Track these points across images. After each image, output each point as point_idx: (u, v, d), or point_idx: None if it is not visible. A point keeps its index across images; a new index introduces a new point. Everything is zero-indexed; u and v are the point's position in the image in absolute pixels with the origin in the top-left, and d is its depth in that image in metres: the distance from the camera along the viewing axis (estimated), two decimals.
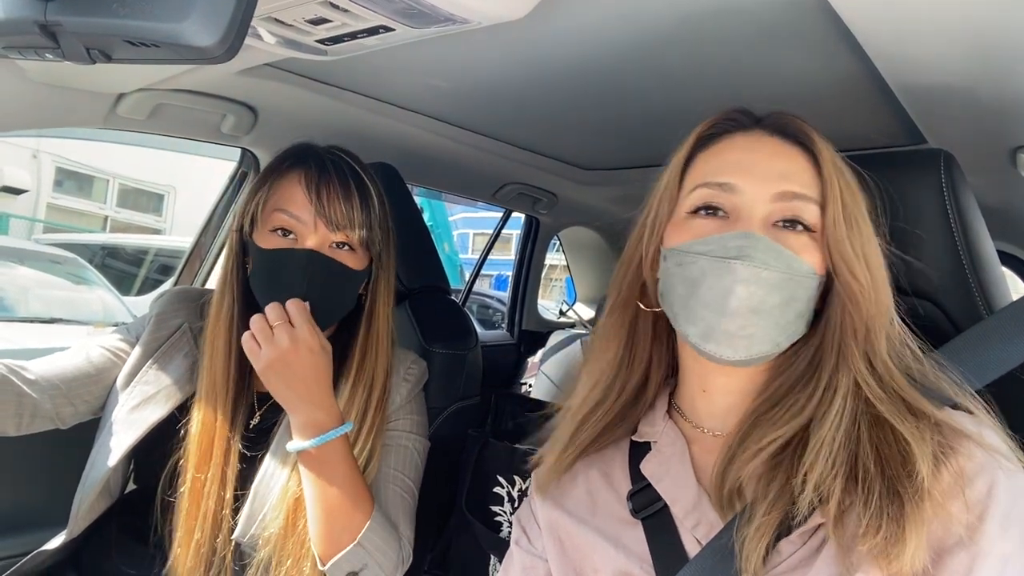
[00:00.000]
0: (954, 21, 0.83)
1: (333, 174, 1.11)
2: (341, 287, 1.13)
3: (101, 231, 9.91)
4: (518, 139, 1.76)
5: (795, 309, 0.73)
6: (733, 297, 0.70)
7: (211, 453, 1.09)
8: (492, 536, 1.37)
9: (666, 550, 0.75)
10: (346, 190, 1.11)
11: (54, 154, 9.59)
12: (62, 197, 9.99)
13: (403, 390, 1.22)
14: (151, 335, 1.20)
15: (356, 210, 1.11)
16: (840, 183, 0.74)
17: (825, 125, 0.79)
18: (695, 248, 0.74)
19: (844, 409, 0.71)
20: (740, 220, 0.74)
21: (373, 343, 1.17)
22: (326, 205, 1.08)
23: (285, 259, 1.09)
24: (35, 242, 7.19)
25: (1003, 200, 1.56)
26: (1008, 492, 0.64)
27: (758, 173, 0.75)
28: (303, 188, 1.09)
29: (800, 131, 0.78)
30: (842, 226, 0.72)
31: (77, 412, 1.15)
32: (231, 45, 0.57)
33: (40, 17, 0.59)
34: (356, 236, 1.12)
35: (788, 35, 1.01)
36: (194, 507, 1.07)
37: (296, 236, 1.10)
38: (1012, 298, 0.88)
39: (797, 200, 0.74)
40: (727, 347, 0.72)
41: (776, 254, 0.71)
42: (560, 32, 1.05)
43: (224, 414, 1.10)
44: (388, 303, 1.21)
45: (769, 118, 0.80)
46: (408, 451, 1.19)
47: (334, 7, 0.82)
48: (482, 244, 2.98)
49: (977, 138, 1.20)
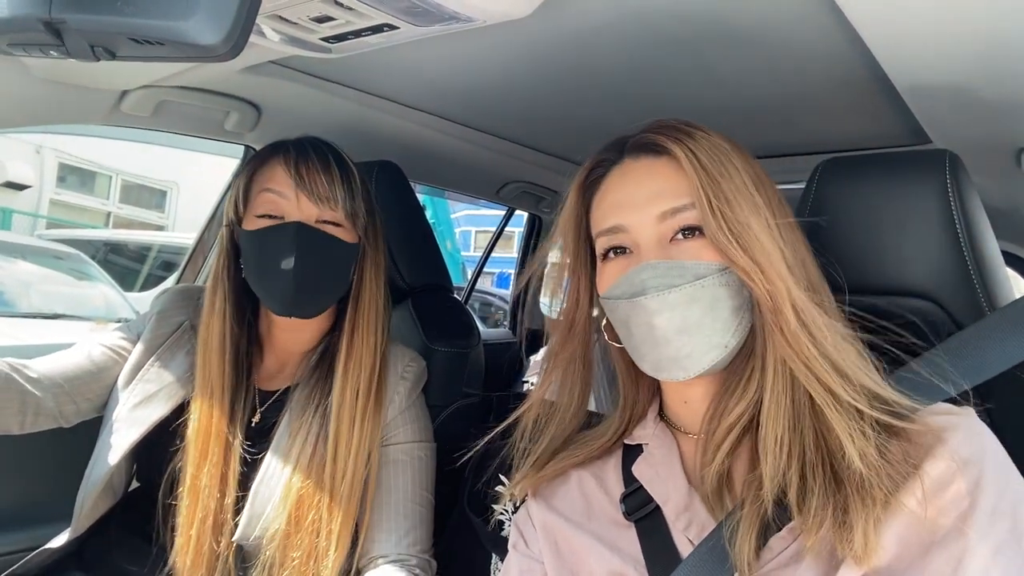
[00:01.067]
0: (960, 21, 0.83)
1: (312, 153, 1.13)
2: (332, 259, 1.13)
3: (104, 227, 9.92)
4: (521, 137, 1.75)
5: (726, 307, 0.74)
6: (656, 329, 0.74)
7: (208, 453, 1.08)
8: (493, 534, 1.37)
9: (659, 551, 0.76)
10: (326, 165, 1.13)
11: (57, 150, 9.60)
12: (65, 193, 10.00)
13: (401, 389, 1.20)
14: (152, 333, 1.20)
15: (337, 183, 1.12)
16: (702, 177, 0.74)
17: (830, 125, 0.79)
18: (613, 293, 0.78)
19: (779, 389, 0.72)
20: (639, 251, 0.77)
21: (362, 325, 1.16)
22: (307, 179, 1.10)
23: (272, 236, 1.09)
24: (38, 238, 7.20)
25: (1008, 201, 1.56)
26: (995, 483, 0.64)
27: (636, 204, 0.78)
28: (284, 166, 1.11)
29: (656, 142, 0.79)
30: (710, 220, 0.73)
31: (80, 410, 1.15)
32: (236, 43, 0.57)
33: (45, 14, 0.59)
34: (340, 210, 1.12)
35: (793, 35, 1.01)
36: (193, 508, 1.07)
37: (283, 215, 1.11)
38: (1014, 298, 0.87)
39: (678, 214, 0.76)
40: (678, 370, 0.75)
41: (679, 270, 0.73)
42: (564, 30, 1.05)
43: (221, 413, 1.10)
44: (378, 283, 1.20)
45: (631, 142, 0.83)
46: (422, 461, 1.19)
47: (339, 5, 0.82)
48: (484, 242, 2.98)
49: (982, 138, 1.19)
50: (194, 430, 1.09)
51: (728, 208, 0.73)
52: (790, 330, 0.71)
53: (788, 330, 0.71)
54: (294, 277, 1.08)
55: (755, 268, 0.72)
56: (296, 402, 1.14)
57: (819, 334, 0.71)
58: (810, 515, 0.65)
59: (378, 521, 1.12)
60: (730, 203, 0.74)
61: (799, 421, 0.71)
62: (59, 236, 7.03)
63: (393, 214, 1.39)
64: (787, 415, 0.71)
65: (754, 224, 0.73)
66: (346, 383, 1.12)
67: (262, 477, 1.08)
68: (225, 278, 1.15)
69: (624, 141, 0.84)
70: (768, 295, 0.72)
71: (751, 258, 0.72)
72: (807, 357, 0.70)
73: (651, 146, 0.80)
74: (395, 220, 1.40)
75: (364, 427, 1.11)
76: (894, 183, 0.88)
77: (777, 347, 0.72)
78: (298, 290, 1.09)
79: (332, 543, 1.04)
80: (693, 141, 0.77)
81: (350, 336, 1.15)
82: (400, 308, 1.43)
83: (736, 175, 0.76)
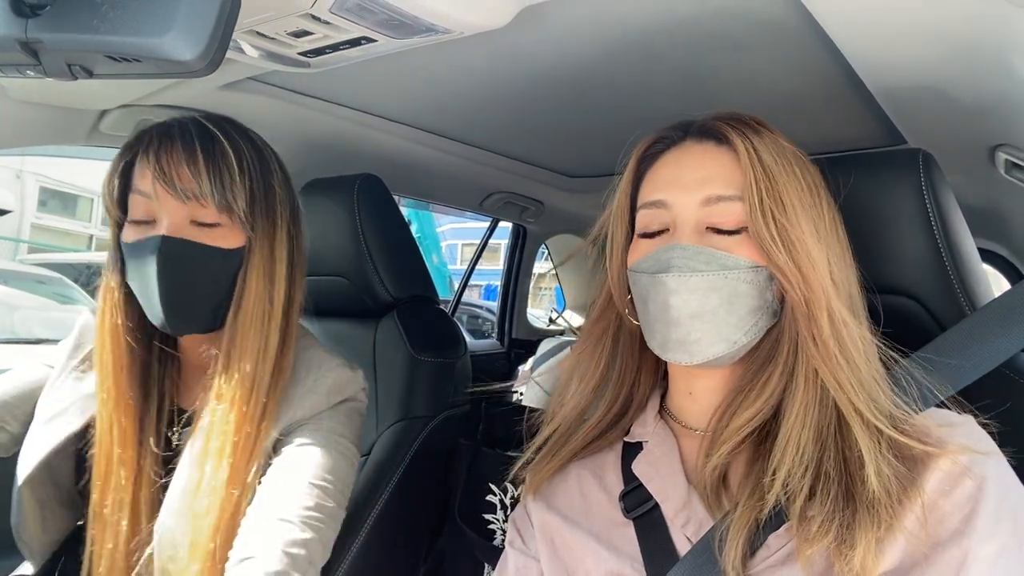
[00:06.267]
0: (928, 22, 0.84)
1: (176, 138, 0.96)
2: (205, 274, 0.97)
3: (87, 250, 9.84)
4: (503, 148, 1.76)
5: (745, 304, 0.74)
6: (671, 308, 0.74)
7: (110, 477, 0.97)
8: (486, 544, 1.37)
9: (657, 549, 0.76)
10: (190, 152, 0.95)
11: (38, 174, 9.55)
12: (46, 217, 9.93)
13: (307, 403, 1.02)
14: (75, 342, 1.11)
15: (204, 173, 0.94)
16: (757, 173, 0.74)
17: (806, 128, 0.81)
18: (639, 267, 0.79)
19: (809, 399, 0.71)
20: (675, 233, 0.77)
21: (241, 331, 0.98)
22: (167, 171, 0.94)
23: (139, 249, 0.96)
24: (20, 262, 7.14)
25: (983, 198, 1.58)
26: (997, 486, 0.64)
27: (684, 184, 0.77)
28: (145, 159, 0.96)
29: (720, 130, 0.79)
30: (758, 216, 0.73)
31: (14, 435, 1.05)
32: (213, 58, 0.57)
33: (21, 34, 0.59)
34: (211, 205, 0.95)
35: (767, 40, 1.03)
36: (100, 535, 0.96)
37: (154, 220, 0.96)
38: (994, 294, 0.89)
39: (722, 202, 0.75)
40: (683, 353, 0.75)
41: (707, 257, 0.73)
42: (542, 40, 1.06)
43: (124, 436, 0.99)
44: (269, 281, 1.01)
45: (697, 125, 0.82)
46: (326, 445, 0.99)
47: (316, 19, 0.82)
48: (471, 255, 2.98)
49: (956, 137, 1.21)
50: (95, 454, 0.99)
51: (778, 208, 0.73)
52: (822, 339, 0.71)
53: (820, 339, 0.71)
54: (160, 295, 0.94)
55: (795, 272, 0.72)
56: (197, 420, 0.99)
57: (854, 348, 0.71)
58: (813, 525, 0.65)
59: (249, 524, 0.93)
60: (783, 205, 0.73)
61: (822, 434, 0.71)
62: (41, 260, 6.97)
63: (376, 227, 1.40)
64: (814, 427, 0.71)
65: (805, 229, 0.73)
66: (221, 398, 0.96)
67: (167, 505, 0.95)
68: (116, 289, 1.01)
69: (690, 124, 0.83)
70: (804, 301, 0.72)
71: (793, 261, 0.72)
72: (836, 368, 0.70)
73: (714, 133, 0.79)
74: (379, 233, 1.40)
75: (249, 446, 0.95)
76: (869, 183, 0.89)
77: (810, 357, 0.72)
78: (167, 309, 0.95)
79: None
80: (758, 137, 0.77)
81: (228, 345, 0.98)
82: (386, 320, 1.43)
83: (794, 179, 0.75)
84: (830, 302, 0.71)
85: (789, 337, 0.75)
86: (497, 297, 2.85)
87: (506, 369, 2.76)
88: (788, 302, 0.74)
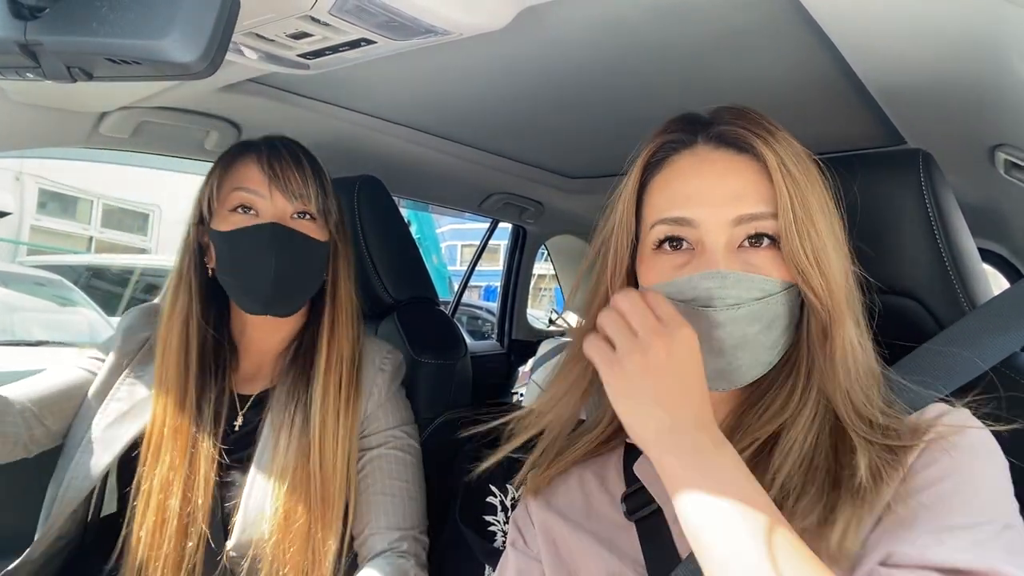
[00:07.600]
0: (927, 20, 0.84)
1: (283, 150, 1.14)
2: (308, 259, 1.14)
3: (86, 252, 9.83)
4: (503, 149, 1.76)
5: (780, 326, 0.74)
6: (714, 341, 0.71)
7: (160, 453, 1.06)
8: (486, 546, 1.36)
9: (659, 552, 0.76)
10: (298, 161, 1.13)
11: (37, 176, 9.53)
12: (46, 219, 9.92)
13: (380, 381, 1.20)
14: (120, 350, 1.19)
15: (310, 178, 1.13)
16: (790, 189, 0.71)
17: (804, 128, 0.80)
18: (667, 291, 0.73)
19: (815, 415, 0.71)
20: (705, 252, 0.72)
21: (340, 318, 1.17)
22: (281, 175, 1.10)
23: (248, 236, 1.09)
24: (19, 265, 7.13)
25: (983, 198, 1.58)
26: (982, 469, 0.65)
27: (712, 200, 0.73)
28: (257, 163, 1.11)
29: (743, 139, 0.74)
30: (794, 236, 0.71)
31: (49, 431, 1.12)
32: (212, 60, 0.57)
33: (20, 37, 0.59)
34: (314, 204, 1.13)
35: (764, 39, 1.03)
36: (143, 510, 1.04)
37: (256, 211, 1.11)
38: (994, 294, 0.89)
39: (755, 220, 0.72)
40: (723, 382, 0.74)
41: (748, 284, 0.71)
42: (541, 41, 1.06)
43: (182, 414, 1.07)
44: (350, 279, 1.21)
45: (711, 126, 0.77)
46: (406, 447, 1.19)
47: (315, 21, 0.82)
48: (470, 256, 2.98)
49: (955, 137, 1.21)
50: (148, 432, 1.07)
51: (811, 225, 0.70)
52: (837, 354, 0.71)
53: (835, 354, 0.71)
54: (271, 276, 1.08)
55: (825, 290, 0.71)
56: (277, 401, 1.13)
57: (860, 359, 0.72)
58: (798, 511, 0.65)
59: (365, 513, 1.12)
60: (814, 220, 0.71)
61: (819, 438, 0.71)
62: (41, 263, 6.97)
63: (376, 228, 1.40)
64: (815, 436, 0.70)
65: (829, 244, 0.71)
66: (328, 377, 1.12)
67: (251, 484, 1.07)
68: (190, 278, 1.14)
69: (696, 121, 0.79)
70: (832, 319, 0.71)
71: (825, 279, 0.70)
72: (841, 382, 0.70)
73: (734, 141, 0.75)
74: (379, 234, 1.40)
75: (347, 419, 1.11)
76: (869, 183, 0.89)
77: (823, 370, 0.72)
78: (275, 289, 1.09)
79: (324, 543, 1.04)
80: (778, 144, 0.73)
81: (330, 330, 1.15)
82: (386, 321, 1.43)
83: (816, 188, 0.73)
84: (846, 317, 0.71)
85: (804, 354, 0.74)
86: (497, 298, 2.85)
87: (506, 370, 2.76)
88: (813, 318, 0.73)
